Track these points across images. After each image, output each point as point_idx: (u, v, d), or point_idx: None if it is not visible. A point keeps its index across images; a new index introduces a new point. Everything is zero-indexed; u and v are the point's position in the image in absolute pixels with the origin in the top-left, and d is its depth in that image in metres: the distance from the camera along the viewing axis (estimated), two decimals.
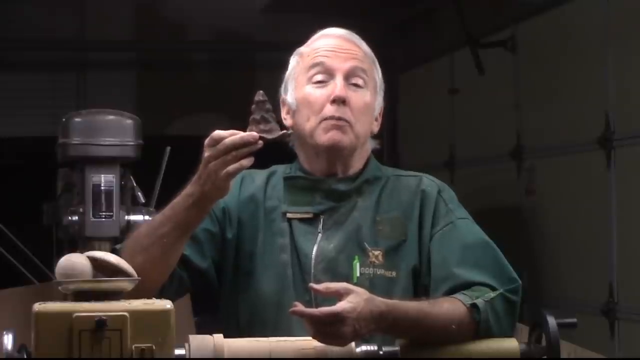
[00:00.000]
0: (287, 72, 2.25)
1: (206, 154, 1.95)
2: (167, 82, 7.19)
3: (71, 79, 7.19)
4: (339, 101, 2.12)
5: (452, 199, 2.19)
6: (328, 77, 2.16)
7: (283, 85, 2.25)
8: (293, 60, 2.24)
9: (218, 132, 1.95)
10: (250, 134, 1.93)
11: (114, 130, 3.90)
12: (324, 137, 2.13)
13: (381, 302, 1.89)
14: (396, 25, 7.09)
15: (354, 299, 1.84)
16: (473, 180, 6.16)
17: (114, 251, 2.10)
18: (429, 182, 2.20)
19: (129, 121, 3.96)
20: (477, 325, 1.96)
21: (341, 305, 1.83)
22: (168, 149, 4.05)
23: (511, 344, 1.92)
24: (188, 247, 2.08)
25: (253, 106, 1.99)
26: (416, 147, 6.96)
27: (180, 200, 2.00)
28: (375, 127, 2.25)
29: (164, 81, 7.20)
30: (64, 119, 3.94)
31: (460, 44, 5.93)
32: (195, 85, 7.36)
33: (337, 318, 1.82)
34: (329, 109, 2.13)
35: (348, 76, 2.16)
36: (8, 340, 1.64)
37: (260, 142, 1.93)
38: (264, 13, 6.83)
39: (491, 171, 5.93)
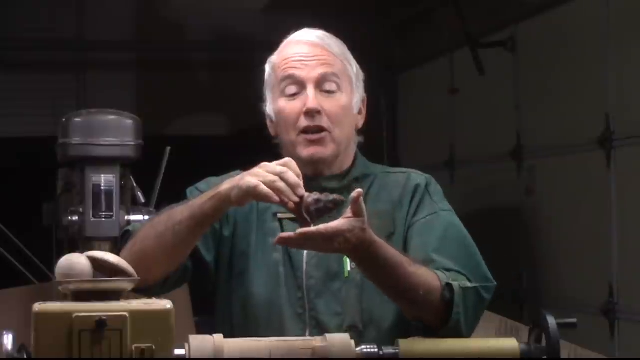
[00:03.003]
0: (265, 81, 2.25)
1: (266, 164, 1.93)
2: (167, 82, 7.19)
3: (71, 79, 7.19)
4: (312, 112, 2.13)
5: (437, 193, 2.22)
6: (300, 89, 2.16)
7: (264, 94, 2.25)
8: (267, 69, 2.24)
9: (294, 164, 1.93)
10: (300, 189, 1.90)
11: (114, 130, 3.91)
12: (304, 152, 2.15)
13: (372, 235, 1.90)
14: (396, 25, 7.10)
15: (354, 222, 1.85)
16: (473, 180, 6.16)
17: (126, 233, 2.11)
18: (417, 177, 2.23)
19: (129, 121, 3.96)
20: (448, 309, 1.98)
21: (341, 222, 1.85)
22: (168, 149, 4.06)
23: (511, 344, 1.92)
24: None
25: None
26: (416, 147, 6.97)
27: (208, 191, 2.00)
28: (360, 121, 2.26)
29: (164, 81, 7.21)
30: (64, 119, 3.94)
31: (460, 44, 5.94)
32: (195, 85, 7.37)
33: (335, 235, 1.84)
34: (304, 121, 2.14)
35: (319, 84, 2.16)
36: (8, 340, 1.64)
37: (296, 198, 1.88)
38: (264, 13, 6.84)
39: (491, 171, 5.94)
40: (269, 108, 2.22)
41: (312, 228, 1.85)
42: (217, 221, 2.10)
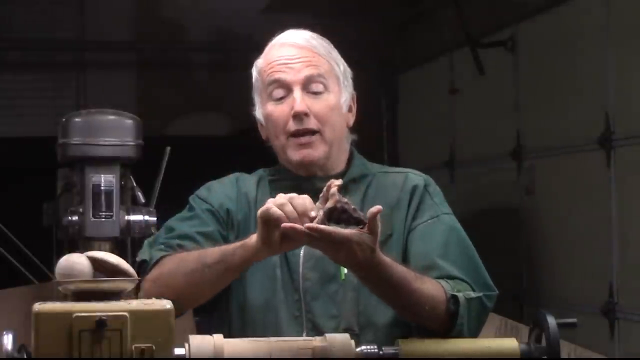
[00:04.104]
0: (252, 85, 2.24)
1: (280, 194, 1.91)
2: (167, 82, 7.19)
3: (71, 79, 7.19)
4: (300, 115, 2.12)
5: (438, 194, 2.21)
6: (286, 92, 2.15)
7: (253, 98, 2.25)
8: (254, 73, 2.23)
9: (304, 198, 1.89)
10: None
11: (114, 130, 3.90)
12: (295, 156, 2.15)
13: (380, 255, 1.88)
14: (396, 25, 7.10)
15: (365, 237, 1.83)
16: (473, 180, 6.16)
17: (143, 263, 2.08)
18: (415, 177, 2.22)
19: (129, 121, 3.95)
20: (452, 319, 1.97)
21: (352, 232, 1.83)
22: (168, 149, 4.05)
23: (511, 344, 1.92)
24: (211, 247, 2.07)
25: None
26: (416, 147, 6.97)
27: (243, 238, 1.98)
28: (351, 119, 2.25)
29: (164, 81, 7.21)
30: (64, 119, 3.93)
31: (460, 44, 5.94)
32: (195, 85, 7.37)
33: (345, 241, 1.82)
34: (292, 124, 2.13)
35: (305, 86, 2.15)
36: (8, 340, 1.64)
37: (301, 227, 1.85)
38: (264, 13, 6.84)
39: (491, 171, 5.94)
40: (258, 112, 2.22)
41: (323, 226, 1.82)
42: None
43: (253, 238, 1.93)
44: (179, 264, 2.03)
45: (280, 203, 1.87)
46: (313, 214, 1.87)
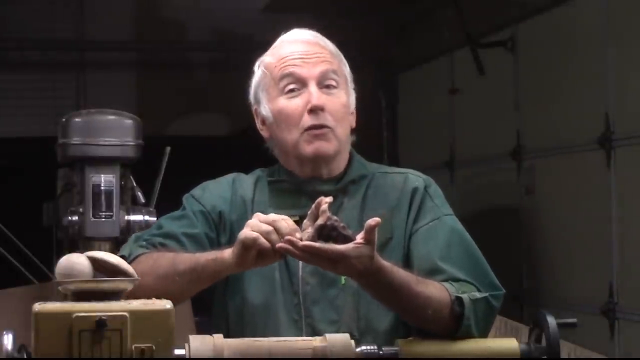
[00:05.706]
0: (255, 82, 2.21)
1: (259, 214, 1.91)
2: (167, 82, 7.19)
3: (71, 79, 7.20)
4: (317, 110, 2.11)
5: (438, 195, 2.18)
6: (301, 86, 2.13)
7: (252, 95, 2.22)
8: (259, 71, 2.20)
9: (289, 220, 1.90)
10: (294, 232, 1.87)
11: (114, 130, 3.91)
12: (308, 149, 2.11)
13: (380, 261, 1.87)
14: (396, 25, 7.11)
15: (363, 249, 1.82)
16: (473, 180, 6.16)
17: (123, 258, 2.08)
18: (415, 178, 2.19)
19: (129, 121, 3.96)
20: (458, 320, 1.95)
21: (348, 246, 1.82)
22: (168, 149, 4.06)
23: (511, 344, 1.92)
24: (194, 249, 2.06)
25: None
26: (416, 147, 6.97)
27: (216, 250, 1.98)
28: (353, 121, 2.23)
29: (164, 81, 7.21)
30: (64, 119, 3.94)
31: (460, 44, 5.94)
32: (195, 85, 7.37)
33: (340, 257, 1.81)
34: (308, 119, 2.11)
35: (320, 81, 2.13)
36: (8, 340, 1.64)
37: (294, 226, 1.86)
38: (264, 13, 6.84)
39: (491, 171, 5.94)
40: (265, 109, 2.18)
41: (318, 245, 1.81)
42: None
43: (226, 254, 1.91)
44: (153, 265, 2.01)
45: (265, 231, 1.86)
46: (298, 235, 1.85)
